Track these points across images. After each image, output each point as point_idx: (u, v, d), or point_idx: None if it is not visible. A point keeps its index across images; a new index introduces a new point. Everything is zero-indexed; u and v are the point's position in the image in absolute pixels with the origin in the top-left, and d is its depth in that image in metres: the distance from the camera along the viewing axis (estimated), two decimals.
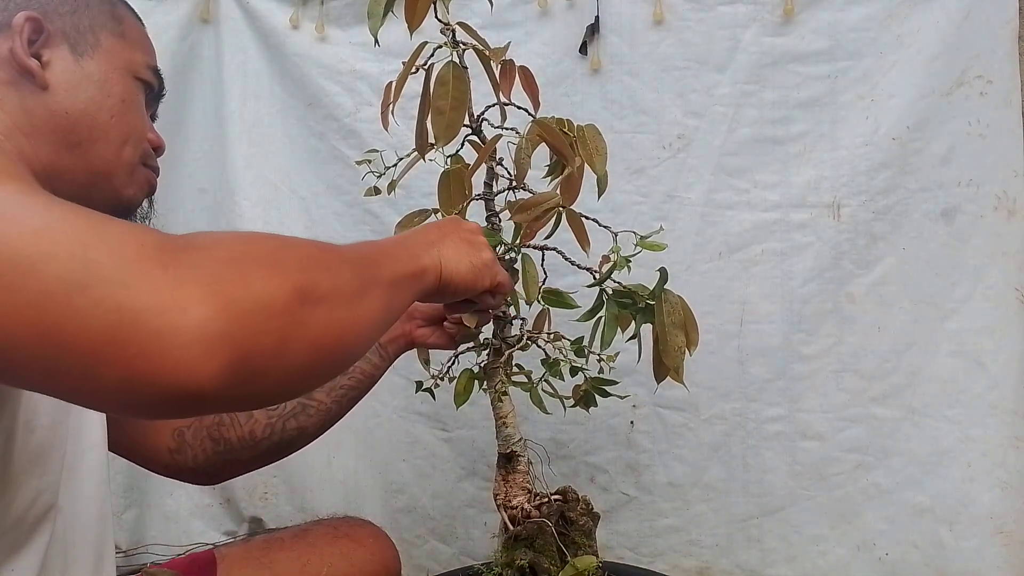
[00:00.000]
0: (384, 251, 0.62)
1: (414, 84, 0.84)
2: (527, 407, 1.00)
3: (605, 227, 0.89)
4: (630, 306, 0.90)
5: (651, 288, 0.89)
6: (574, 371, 0.98)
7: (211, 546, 1.22)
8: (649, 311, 0.89)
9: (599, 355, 0.95)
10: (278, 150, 1.42)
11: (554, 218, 0.87)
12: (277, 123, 1.41)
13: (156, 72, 0.81)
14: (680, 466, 1.29)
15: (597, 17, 1.28)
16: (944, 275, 1.21)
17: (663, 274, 0.87)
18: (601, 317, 0.91)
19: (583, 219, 0.88)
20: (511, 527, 0.89)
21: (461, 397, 0.96)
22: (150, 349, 0.41)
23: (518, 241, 0.88)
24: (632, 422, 1.30)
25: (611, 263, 0.87)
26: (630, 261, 0.86)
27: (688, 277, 1.27)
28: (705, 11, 1.26)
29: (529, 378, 0.98)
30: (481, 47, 0.85)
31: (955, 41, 1.19)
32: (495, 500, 0.93)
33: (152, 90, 0.81)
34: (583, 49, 1.29)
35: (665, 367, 0.88)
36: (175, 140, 1.44)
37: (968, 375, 1.20)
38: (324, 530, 1.04)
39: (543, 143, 0.85)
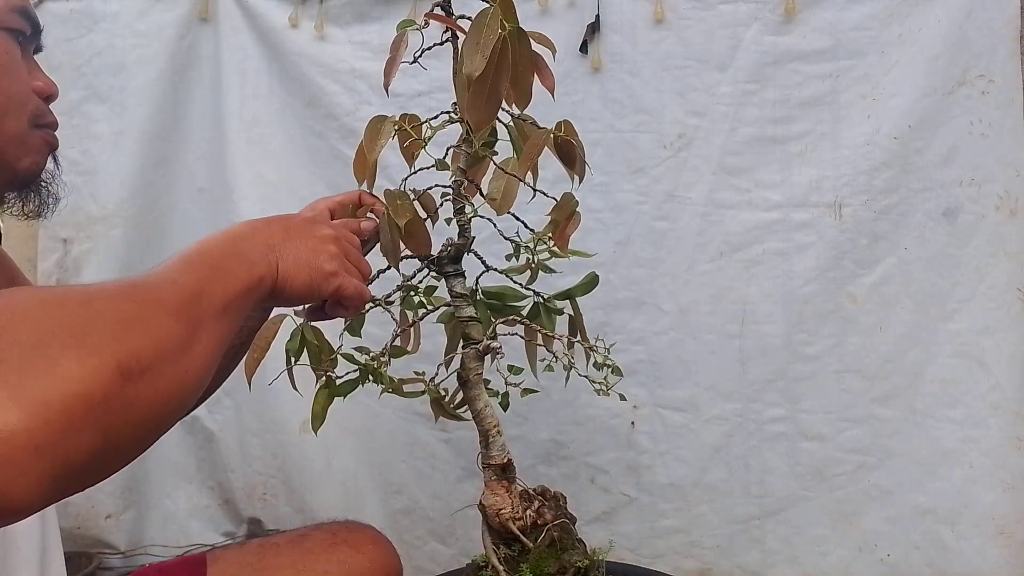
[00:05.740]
0: (214, 266, 0.54)
1: (415, 84, 0.83)
2: (527, 407, 0.99)
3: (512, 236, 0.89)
4: (498, 308, 0.89)
5: (526, 293, 0.89)
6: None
7: (209, 547, 1.21)
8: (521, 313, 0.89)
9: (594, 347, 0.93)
10: (277, 149, 1.41)
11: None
12: (276, 122, 1.41)
13: (25, 14, 0.68)
14: (681, 467, 1.29)
15: (598, 16, 1.28)
16: (946, 275, 1.20)
17: (592, 279, 0.88)
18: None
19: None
20: (524, 538, 0.87)
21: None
22: None
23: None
24: (633, 423, 1.30)
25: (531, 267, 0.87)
26: (552, 267, 0.87)
27: (689, 277, 1.27)
28: (706, 10, 1.26)
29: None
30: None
31: (957, 40, 1.18)
32: (498, 516, 0.87)
33: (25, 34, 0.69)
34: (584, 48, 1.29)
35: None
36: (173, 139, 1.44)
37: (970, 375, 1.20)
38: (322, 536, 1.01)
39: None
